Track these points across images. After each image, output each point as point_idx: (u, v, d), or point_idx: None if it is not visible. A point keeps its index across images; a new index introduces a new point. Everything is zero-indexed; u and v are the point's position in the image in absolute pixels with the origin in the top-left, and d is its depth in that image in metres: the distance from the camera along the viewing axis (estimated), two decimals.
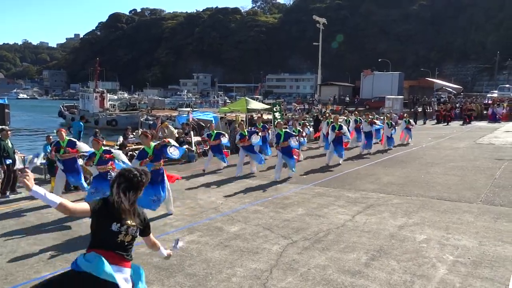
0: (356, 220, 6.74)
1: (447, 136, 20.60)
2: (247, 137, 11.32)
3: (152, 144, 7.30)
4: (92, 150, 7.75)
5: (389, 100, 36.73)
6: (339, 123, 12.72)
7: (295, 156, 10.82)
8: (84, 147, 8.50)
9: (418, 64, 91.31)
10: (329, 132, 12.62)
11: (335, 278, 4.58)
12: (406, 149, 15.99)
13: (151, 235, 3.03)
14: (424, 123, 30.40)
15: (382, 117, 19.33)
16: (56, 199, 2.60)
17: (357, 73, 63.97)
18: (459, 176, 10.21)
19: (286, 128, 13.32)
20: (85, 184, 8.62)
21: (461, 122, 28.76)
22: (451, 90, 50.86)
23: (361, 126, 15.57)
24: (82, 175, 8.64)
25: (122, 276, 2.73)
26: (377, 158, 13.84)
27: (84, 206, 2.68)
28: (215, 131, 12.22)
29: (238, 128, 12.36)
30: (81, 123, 15.41)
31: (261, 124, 13.86)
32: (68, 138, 8.56)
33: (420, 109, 33.36)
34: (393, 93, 44.04)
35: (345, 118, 18.42)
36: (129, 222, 2.76)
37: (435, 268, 4.78)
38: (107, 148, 7.98)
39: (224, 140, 12.06)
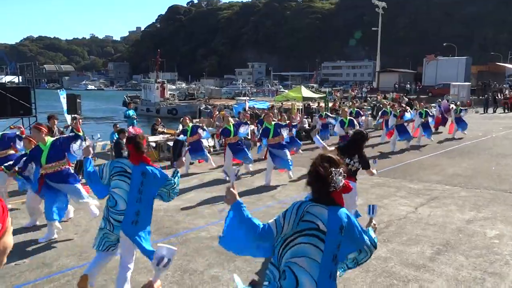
0: (420, 212, 6.46)
1: None
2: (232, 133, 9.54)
3: (50, 139, 5.80)
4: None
5: (454, 87, 34.44)
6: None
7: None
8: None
9: (487, 48, 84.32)
10: (390, 119, 12.73)
11: (397, 270, 4.43)
12: (473, 139, 14.94)
13: (370, 170, 4.96)
14: (494, 111, 28.17)
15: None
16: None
17: (418, 59, 60.70)
18: None
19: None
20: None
21: None
22: None
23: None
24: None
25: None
26: (441, 148, 13.09)
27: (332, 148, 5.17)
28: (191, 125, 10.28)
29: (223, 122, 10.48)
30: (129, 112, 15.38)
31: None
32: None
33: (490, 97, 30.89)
34: (459, 79, 41.32)
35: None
36: (354, 159, 4.78)
37: (509, 266, 4.46)
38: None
39: (203, 134, 10.16)
